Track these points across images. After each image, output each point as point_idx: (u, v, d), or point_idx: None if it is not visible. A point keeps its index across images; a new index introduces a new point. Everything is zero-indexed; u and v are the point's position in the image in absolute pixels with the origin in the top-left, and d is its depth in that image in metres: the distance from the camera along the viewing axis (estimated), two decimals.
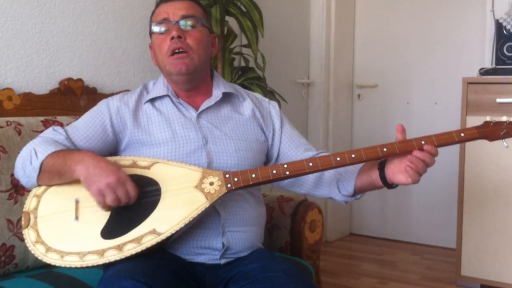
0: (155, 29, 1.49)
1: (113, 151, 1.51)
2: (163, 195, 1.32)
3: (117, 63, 2.27)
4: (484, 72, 2.78)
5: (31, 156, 1.35)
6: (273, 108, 1.63)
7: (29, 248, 1.28)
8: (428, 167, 1.34)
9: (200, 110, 1.51)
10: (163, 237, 1.26)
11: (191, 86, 1.52)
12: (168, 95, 1.52)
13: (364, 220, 3.89)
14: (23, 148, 1.41)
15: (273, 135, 1.59)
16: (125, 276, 1.18)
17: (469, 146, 2.71)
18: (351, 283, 2.93)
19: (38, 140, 1.41)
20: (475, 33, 3.34)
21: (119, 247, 1.25)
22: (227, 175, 1.34)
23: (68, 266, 1.25)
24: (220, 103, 1.54)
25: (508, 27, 2.80)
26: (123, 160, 1.38)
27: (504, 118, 1.37)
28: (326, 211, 3.63)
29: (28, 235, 1.30)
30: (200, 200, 1.30)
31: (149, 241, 1.25)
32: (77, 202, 1.32)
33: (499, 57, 2.81)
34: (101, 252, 1.25)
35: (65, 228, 1.29)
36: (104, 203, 1.26)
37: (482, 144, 2.57)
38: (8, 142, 1.61)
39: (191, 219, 1.28)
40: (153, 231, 1.26)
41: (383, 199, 3.79)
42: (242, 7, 2.45)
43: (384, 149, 1.35)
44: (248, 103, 1.59)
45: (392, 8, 3.70)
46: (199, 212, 1.29)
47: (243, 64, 2.72)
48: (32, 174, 1.34)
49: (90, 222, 1.30)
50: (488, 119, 1.38)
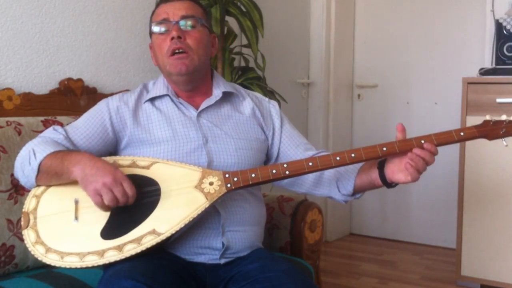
0: (155, 29, 1.49)
1: (113, 150, 1.51)
2: (162, 195, 1.31)
3: (117, 63, 2.27)
4: (484, 72, 2.78)
5: (30, 157, 1.35)
6: (273, 107, 1.63)
7: (29, 249, 1.28)
8: (428, 166, 1.34)
9: (200, 109, 1.51)
10: (163, 237, 1.26)
11: (191, 86, 1.52)
12: (168, 95, 1.52)
13: (364, 220, 3.89)
14: (23, 148, 1.41)
15: (273, 134, 1.59)
16: (125, 276, 1.18)
17: (469, 145, 2.71)
18: (351, 283, 2.92)
19: (38, 140, 1.41)
20: (475, 33, 3.34)
21: (119, 248, 1.24)
22: (226, 175, 1.34)
23: (68, 266, 1.25)
24: (220, 102, 1.54)
25: (508, 27, 2.80)
26: (122, 160, 1.38)
27: (503, 117, 1.37)
28: (326, 211, 3.63)
29: (28, 235, 1.30)
30: (200, 200, 1.30)
31: (149, 242, 1.25)
32: (76, 202, 1.32)
33: (499, 57, 2.81)
34: (101, 253, 1.24)
35: (65, 228, 1.29)
36: (101, 203, 1.25)
37: (482, 143, 2.57)
38: (8, 142, 1.61)
39: (191, 219, 1.28)
40: (153, 231, 1.26)
41: (383, 199, 3.79)
42: (242, 7, 2.45)
43: (384, 149, 1.35)
44: (248, 102, 1.59)
45: (392, 8, 3.70)
46: (199, 212, 1.29)
47: (243, 64, 2.72)
48: (31, 175, 1.34)
49: (89, 222, 1.30)
50: (487, 118, 1.37)
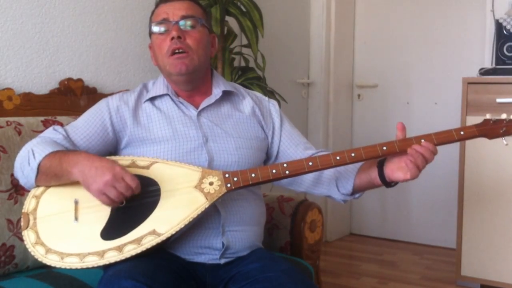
0: (154, 29, 1.49)
1: (113, 150, 1.51)
2: (162, 195, 1.31)
3: (117, 63, 2.27)
4: (484, 72, 2.78)
5: (29, 157, 1.34)
6: (273, 107, 1.63)
7: (29, 250, 1.28)
8: (427, 163, 1.34)
9: (200, 108, 1.51)
10: (163, 237, 1.25)
11: (191, 86, 1.52)
12: (168, 94, 1.52)
13: (364, 220, 3.89)
14: (22, 148, 1.40)
15: (272, 133, 1.59)
16: (125, 276, 1.18)
17: (469, 145, 2.71)
18: (351, 283, 2.92)
19: (37, 140, 1.40)
20: (475, 33, 3.33)
21: (119, 248, 1.24)
22: (226, 175, 1.34)
23: (68, 267, 1.25)
24: (220, 101, 1.55)
25: (508, 27, 2.80)
26: (122, 160, 1.37)
27: (503, 115, 1.37)
28: (326, 211, 3.63)
29: (28, 236, 1.29)
30: (200, 200, 1.30)
31: (149, 242, 1.25)
32: (76, 202, 1.32)
33: (499, 57, 2.81)
34: (101, 253, 1.24)
35: (65, 229, 1.29)
36: (108, 201, 1.26)
37: (482, 143, 2.56)
38: (8, 142, 1.61)
39: (191, 219, 1.28)
40: (153, 232, 1.26)
41: (383, 199, 3.79)
42: (242, 7, 2.45)
43: (384, 148, 1.35)
44: (248, 101, 1.59)
45: (392, 8, 3.70)
46: (199, 212, 1.29)
47: (243, 64, 2.72)
48: (31, 175, 1.34)
49: (89, 222, 1.29)
50: (488, 116, 1.37)
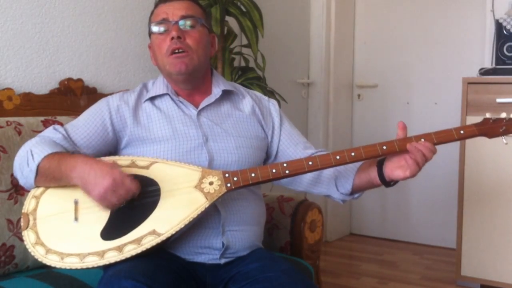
0: (154, 29, 1.49)
1: (113, 150, 1.50)
2: (162, 195, 1.31)
3: (117, 63, 2.27)
4: (484, 72, 2.78)
5: (28, 158, 1.34)
6: (273, 106, 1.63)
7: (29, 250, 1.28)
8: (426, 161, 1.34)
9: (200, 107, 1.51)
10: (163, 237, 1.25)
11: (191, 86, 1.52)
12: (168, 94, 1.52)
13: (364, 220, 3.89)
14: (21, 147, 1.40)
15: (272, 132, 1.59)
16: (125, 276, 1.18)
17: (469, 145, 2.71)
18: (351, 283, 2.92)
19: (36, 140, 1.40)
20: (475, 33, 3.33)
21: (119, 248, 1.24)
22: (226, 175, 1.34)
23: (68, 267, 1.25)
24: (220, 100, 1.55)
25: (508, 27, 2.80)
26: (121, 160, 1.37)
27: (503, 114, 1.37)
28: (326, 211, 3.63)
29: (28, 236, 1.29)
30: (200, 200, 1.30)
31: (149, 242, 1.25)
32: (76, 203, 1.32)
33: (499, 57, 2.81)
34: (101, 254, 1.24)
35: (65, 229, 1.29)
36: (110, 205, 1.27)
37: (482, 143, 2.57)
38: (8, 142, 1.61)
39: (191, 219, 1.28)
40: (153, 232, 1.26)
41: (383, 199, 3.79)
42: (242, 7, 2.45)
43: (384, 147, 1.35)
44: (248, 100, 1.59)
45: (392, 8, 3.70)
46: (199, 212, 1.29)
47: (243, 64, 2.72)
48: (30, 176, 1.34)
49: (89, 223, 1.29)
50: (487, 116, 1.38)
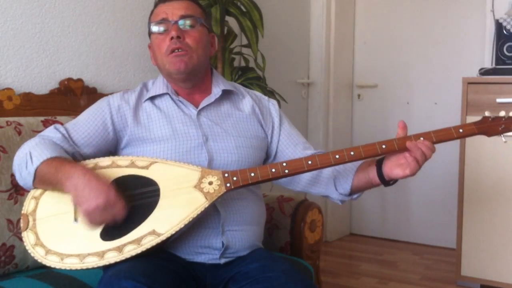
0: (154, 29, 1.49)
1: (113, 149, 1.51)
2: (162, 195, 1.31)
3: (117, 63, 2.27)
4: (484, 72, 2.78)
5: (27, 160, 1.34)
6: (273, 106, 1.63)
7: (29, 251, 1.28)
8: (426, 159, 1.34)
9: (200, 107, 1.51)
10: (163, 237, 1.25)
11: (190, 85, 1.52)
12: (168, 93, 1.52)
13: (364, 220, 3.89)
14: (21, 147, 1.40)
15: (272, 132, 1.59)
16: (125, 276, 1.18)
17: (469, 145, 2.71)
18: (351, 283, 2.92)
19: (35, 141, 1.39)
20: (475, 33, 3.33)
21: (119, 249, 1.24)
22: (226, 174, 1.33)
23: (68, 268, 1.25)
24: (220, 100, 1.55)
25: (508, 27, 2.80)
26: (121, 160, 1.37)
27: (502, 113, 1.38)
28: (326, 211, 3.63)
29: (27, 237, 1.29)
30: (199, 200, 1.30)
31: (149, 242, 1.25)
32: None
33: (499, 57, 2.81)
34: (101, 254, 1.24)
35: (65, 229, 1.29)
36: (92, 222, 1.25)
37: (482, 143, 2.58)
38: (8, 142, 1.61)
39: (191, 219, 1.28)
40: (153, 232, 1.26)
41: (383, 199, 3.79)
42: (242, 7, 2.46)
43: (383, 146, 1.35)
44: (248, 100, 1.59)
45: (392, 8, 3.70)
46: (199, 212, 1.29)
47: (243, 64, 2.72)
48: (28, 178, 1.34)
49: None
50: (486, 114, 1.38)
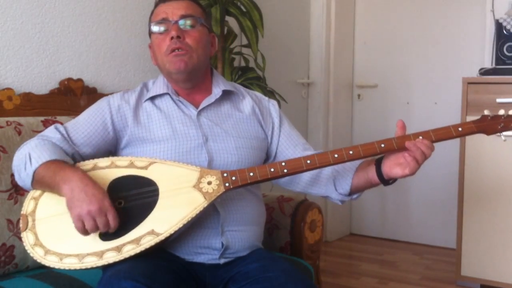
0: (154, 29, 1.49)
1: (113, 149, 1.51)
2: (161, 195, 1.31)
3: (117, 63, 2.27)
4: (484, 72, 2.78)
5: (26, 162, 1.34)
6: (273, 107, 1.63)
7: (28, 251, 1.28)
8: (425, 158, 1.34)
9: (200, 107, 1.51)
10: (162, 237, 1.26)
11: (191, 84, 1.52)
12: (168, 93, 1.52)
13: (364, 220, 3.89)
14: (20, 148, 1.40)
15: (272, 132, 1.59)
16: (124, 276, 1.18)
17: (469, 145, 2.71)
18: (351, 283, 2.92)
19: (35, 142, 1.39)
20: (475, 33, 3.33)
21: (118, 249, 1.25)
22: (225, 174, 1.34)
23: (67, 268, 1.25)
24: (220, 100, 1.55)
25: (508, 27, 2.80)
26: (120, 161, 1.37)
27: (501, 111, 1.38)
28: (326, 211, 3.63)
29: (27, 237, 1.29)
30: (198, 200, 1.30)
31: (148, 242, 1.25)
32: None
33: (499, 57, 2.81)
34: (100, 254, 1.24)
35: (64, 230, 1.29)
36: (82, 229, 1.24)
37: (482, 143, 2.58)
38: (8, 142, 1.62)
39: (190, 219, 1.28)
40: (152, 232, 1.26)
41: (383, 199, 3.79)
42: (242, 7, 2.46)
43: (382, 145, 1.35)
44: (248, 101, 1.59)
45: (392, 8, 3.70)
46: (198, 212, 1.29)
47: (243, 64, 2.72)
48: (27, 180, 1.34)
49: None
50: (486, 112, 1.38)
